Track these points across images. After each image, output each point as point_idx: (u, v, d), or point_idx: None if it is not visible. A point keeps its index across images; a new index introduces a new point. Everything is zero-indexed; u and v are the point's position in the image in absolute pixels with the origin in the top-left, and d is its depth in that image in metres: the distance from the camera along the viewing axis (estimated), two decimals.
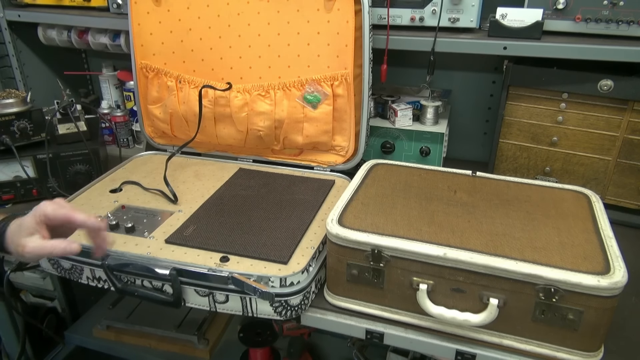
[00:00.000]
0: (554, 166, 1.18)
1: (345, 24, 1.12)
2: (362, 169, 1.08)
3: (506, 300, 0.78)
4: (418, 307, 0.83)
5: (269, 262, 0.90)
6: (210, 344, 1.47)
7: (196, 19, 1.21)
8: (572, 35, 1.09)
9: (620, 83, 1.03)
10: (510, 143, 1.20)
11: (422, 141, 1.28)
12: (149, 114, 1.32)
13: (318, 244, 0.95)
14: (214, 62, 1.23)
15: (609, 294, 0.73)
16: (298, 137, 1.23)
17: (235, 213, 1.05)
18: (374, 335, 0.88)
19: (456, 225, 0.87)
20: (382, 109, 1.34)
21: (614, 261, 0.76)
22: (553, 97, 1.11)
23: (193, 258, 0.91)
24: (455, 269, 0.79)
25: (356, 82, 1.17)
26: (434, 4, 1.13)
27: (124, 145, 1.58)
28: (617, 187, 1.14)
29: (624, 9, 1.03)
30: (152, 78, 1.27)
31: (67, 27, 1.47)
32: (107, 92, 1.63)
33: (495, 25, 1.09)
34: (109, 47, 1.45)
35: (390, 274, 0.84)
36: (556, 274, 0.74)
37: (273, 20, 1.16)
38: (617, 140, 1.09)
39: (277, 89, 1.19)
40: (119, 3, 1.33)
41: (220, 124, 1.25)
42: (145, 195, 1.15)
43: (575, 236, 0.84)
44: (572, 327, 0.76)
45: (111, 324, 1.51)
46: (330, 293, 0.92)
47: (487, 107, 1.42)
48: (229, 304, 0.88)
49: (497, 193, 0.98)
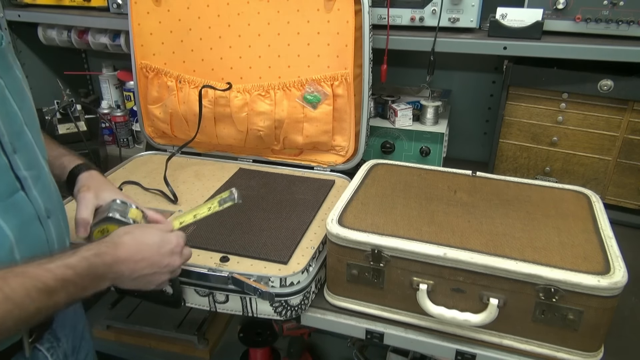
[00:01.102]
0: (554, 166, 1.18)
1: (345, 24, 1.12)
2: (362, 169, 1.08)
3: (506, 300, 0.78)
4: (418, 307, 0.83)
5: (269, 262, 0.90)
6: (210, 344, 1.47)
7: (196, 19, 1.21)
8: (572, 35, 1.09)
9: (620, 83, 1.03)
10: (510, 143, 1.20)
11: (422, 141, 1.28)
12: (149, 114, 1.32)
13: (318, 244, 0.95)
14: (214, 62, 1.23)
15: (609, 294, 0.73)
16: (298, 137, 1.23)
17: (235, 213, 1.04)
18: (374, 335, 0.88)
19: (456, 225, 0.87)
20: (382, 109, 1.34)
21: (614, 261, 0.76)
22: (553, 97, 1.11)
23: (193, 258, 0.90)
24: (455, 269, 0.79)
25: (356, 82, 1.17)
26: (434, 4, 1.13)
27: (124, 145, 1.58)
28: (617, 187, 1.14)
29: (624, 9, 1.03)
30: (152, 78, 1.27)
31: (67, 27, 1.47)
32: (107, 92, 1.63)
33: (495, 25, 1.09)
34: (109, 47, 1.45)
35: (390, 274, 0.84)
36: (556, 274, 0.74)
37: (273, 20, 1.16)
38: (617, 140, 1.09)
39: (277, 89, 1.19)
40: (119, 3, 1.33)
41: (220, 124, 1.25)
42: (145, 195, 1.15)
43: (575, 236, 0.84)
44: (572, 327, 0.76)
45: (111, 324, 1.50)
46: (330, 293, 0.92)
47: (487, 107, 1.42)
48: (229, 304, 0.88)
49: (497, 193, 0.98)
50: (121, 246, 0.67)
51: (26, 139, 0.67)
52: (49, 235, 0.68)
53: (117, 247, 0.67)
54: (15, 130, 0.64)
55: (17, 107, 0.65)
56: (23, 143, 0.66)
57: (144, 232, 0.72)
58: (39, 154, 0.70)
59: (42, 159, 0.71)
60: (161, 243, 0.71)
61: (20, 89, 0.68)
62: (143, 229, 0.73)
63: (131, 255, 0.67)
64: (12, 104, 0.64)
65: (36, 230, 0.66)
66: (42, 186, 0.69)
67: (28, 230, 0.64)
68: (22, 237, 0.63)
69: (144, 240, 0.70)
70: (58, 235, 0.70)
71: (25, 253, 0.63)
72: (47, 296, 0.56)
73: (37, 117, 0.72)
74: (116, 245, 0.67)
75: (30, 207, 0.65)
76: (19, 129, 0.65)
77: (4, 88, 0.63)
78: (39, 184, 0.68)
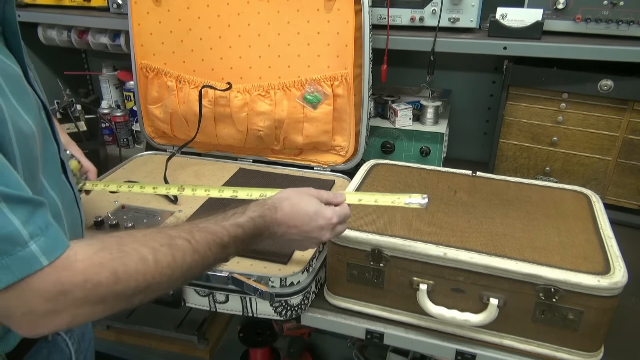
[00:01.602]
0: (554, 166, 1.18)
1: (345, 24, 1.12)
2: (362, 169, 1.08)
3: (506, 300, 0.78)
4: (418, 307, 0.83)
5: (269, 262, 0.90)
6: (210, 344, 1.47)
7: (196, 19, 1.21)
8: (572, 35, 1.09)
9: (620, 83, 1.03)
10: (510, 143, 1.20)
11: (422, 141, 1.28)
12: (149, 114, 1.32)
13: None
14: (214, 62, 1.23)
15: (609, 294, 0.73)
16: (298, 137, 1.23)
17: None
18: (374, 335, 0.88)
19: (456, 225, 0.87)
20: (382, 109, 1.34)
21: (614, 261, 0.76)
22: (553, 97, 1.11)
23: None
24: (455, 269, 0.79)
25: (356, 82, 1.16)
26: (434, 4, 1.13)
27: (124, 145, 1.58)
28: (617, 187, 1.14)
29: (624, 9, 1.03)
30: (152, 78, 1.27)
31: (67, 27, 1.47)
32: (107, 92, 1.63)
33: (495, 25, 1.09)
34: (109, 47, 1.45)
35: (390, 274, 0.84)
36: (556, 274, 0.74)
37: (273, 20, 1.16)
38: (617, 140, 1.09)
39: (277, 89, 1.19)
40: (119, 3, 1.33)
41: (220, 124, 1.25)
42: (145, 195, 1.15)
43: (575, 236, 0.84)
44: (572, 327, 0.76)
45: (111, 324, 1.50)
46: (330, 293, 0.92)
47: (487, 107, 1.42)
48: (229, 304, 0.88)
49: (497, 193, 0.98)
50: (279, 210, 0.73)
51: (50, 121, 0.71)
52: (82, 218, 0.73)
53: (276, 210, 0.72)
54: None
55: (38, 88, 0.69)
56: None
57: (302, 200, 0.75)
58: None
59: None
60: (314, 216, 0.74)
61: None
62: (302, 197, 0.76)
63: (286, 220, 0.73)
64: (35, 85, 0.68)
65: (75, 212, 0.71)
66: (69, 169, 0.73)
67: (70, 211, 0.69)
68: (67, 215, 0.66)
69: (300, 208, 0.74)
70: (83, 218, 0.74)
71: (70, 236, 0.65)
72: (222, 250, 0.63)
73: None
74: (276, 209, 0.73)
75: (70, 190, 0.70)
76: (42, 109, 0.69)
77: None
78: (67, 167, 0.71)
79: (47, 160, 0.63)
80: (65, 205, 0.66)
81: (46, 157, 0.63)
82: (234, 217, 0.67)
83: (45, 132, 0.64)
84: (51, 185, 0.63)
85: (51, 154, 0.65)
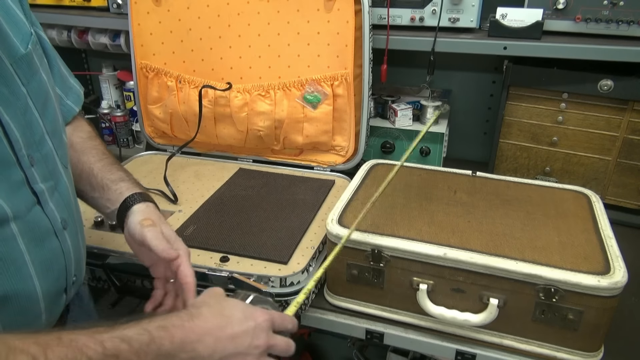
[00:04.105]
0: (554, 166, 1.18)
1: (345, 24, 1.12)
2: (362, 169, 1.08)
3: (506, 300, 0.78)
4: (418, 307, 0.83)
5: (269, 262, 0.90)
6: None
7: (196, 19, 1.21)
8: (572, 35, 1.09)
9: (620, 83, 1.03)
10: (510, 143, 1.20)
11: (422, 141, 1.27)
12: (149, 114, 1.32)
13: (318, 244, 0.95)
14: (214, 62, 1.23)
15: (609, 294, 0.73)
16: (298, 137, 1.23)
17: (235, 213, 1.05)
18: (374, 335, 0.88)
19: (456, 225, 0.87)
20: (382, 109, 1.34)
21: (614, 261, 0.76)
22: (553, 97, 1.11)
23: (193, 258, 0.90)
24: (455, 269, 0.79)
25: (356, 82, 1.16)
26: (434, 4, 1.13)
27: (124, 145, 1.58)
28: (617, 187, 1.14)
29: (624, 9, 1.03)
30: (152, 78, 1.27)
31: (67, 27, 1.47)
32: (107, 92, 1.63)
33: (495, 25, 1.09)
34: (109, 47, 1.45)
35: (390, 274, 0.84)
36: (556, 274, 0.74)
37: (273, 20, 1.16)
38: (617, 140, 1.09)
39: (277, 89, 1.19)
40: (119, 3, 1.33)
41: (220, 124, 1.25)
42: None
43: (575, 236, 0.84)
44: (572, 327, 0.76)
45: None
46: (330, 293, 0.92)
47: (487, 107, 1.42)
48: None
49: (497, 193, 0.98)
50: (198, 318, 0.55)
51: (46, 149, 0.64)
52: (64, 246, 0.65)
53: (192, 318, 0.55)
54: (35, 140, 0.61)
55: (39, 115, 0.62)
56: (43, 153, 0.62)
57: (224, 303, 0.61)
58: (59, 162, 0.66)
59: (61, 167, 0.67)
60: (243, 318, 0.58)
61: (45, 94, 0.64)
62: (219, 299, 0.61)
63: (210, 330, 0.54)
64: (34, 112, 0.61)
65: (51, 244, 0.62)
66: (59, 196, 0.65)
67: (43, 246, 0.60)
68: (36, 255, 0.58)
69: (224, 312, 0.58)
70: (74, 245, 0.68)
71: (39, 269, 0.59)
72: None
73: (60, 121, 0.69)
74: (192, 316, 0.55)
75: (46, 222, 0.61)
76: (40, 138, 0.62)
77: (27, 97, 0.60)
78: (55, 195, 0.64)
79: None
80: (37, 243, 0.58)
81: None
82: (121, 328, 0.49)
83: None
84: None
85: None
